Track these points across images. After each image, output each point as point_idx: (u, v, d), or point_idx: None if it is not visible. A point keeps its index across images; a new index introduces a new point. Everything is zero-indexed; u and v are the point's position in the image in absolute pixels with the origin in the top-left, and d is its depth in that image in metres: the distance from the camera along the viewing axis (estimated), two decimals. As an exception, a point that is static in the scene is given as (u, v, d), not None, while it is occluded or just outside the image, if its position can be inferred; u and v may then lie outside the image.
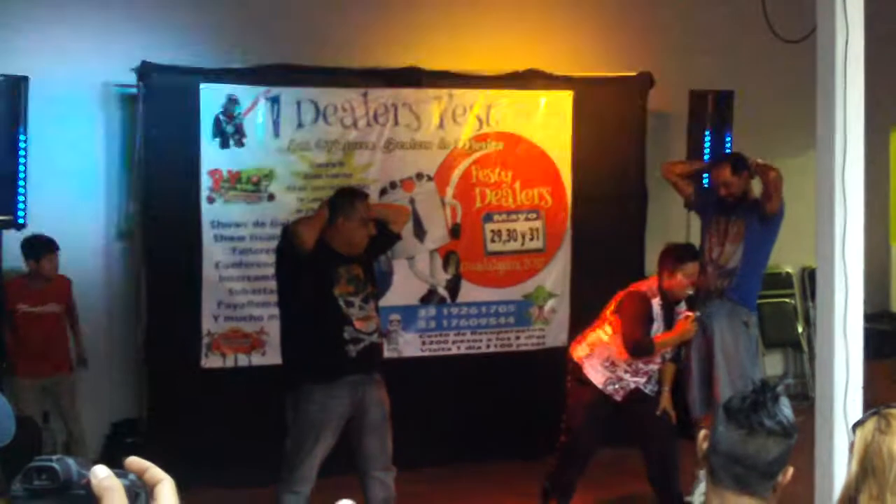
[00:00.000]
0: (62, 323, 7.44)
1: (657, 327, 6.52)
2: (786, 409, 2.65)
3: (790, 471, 2.73)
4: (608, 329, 6.55)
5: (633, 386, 6.56)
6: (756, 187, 7.40)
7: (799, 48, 5.65)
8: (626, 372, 6.53)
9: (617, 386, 6.54)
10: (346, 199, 5.96)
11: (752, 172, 7.27)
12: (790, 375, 9.83)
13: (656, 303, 6.53)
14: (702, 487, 6.55)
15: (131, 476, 1.19)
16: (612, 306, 6.61)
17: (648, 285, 6.63)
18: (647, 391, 6.61)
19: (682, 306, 6.68)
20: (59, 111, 7.66)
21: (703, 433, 2.75)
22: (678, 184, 7.67)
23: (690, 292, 6.64)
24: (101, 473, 1.14)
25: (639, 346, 6.46)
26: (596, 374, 6.54)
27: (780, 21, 5.95)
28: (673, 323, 6.59)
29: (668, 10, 9.25)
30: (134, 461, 1.20)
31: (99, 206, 7.86)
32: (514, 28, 8.78)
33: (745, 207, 7.28)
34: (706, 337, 7.27)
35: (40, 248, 7.20)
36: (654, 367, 6.60)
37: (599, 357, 6.54)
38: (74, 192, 7.73)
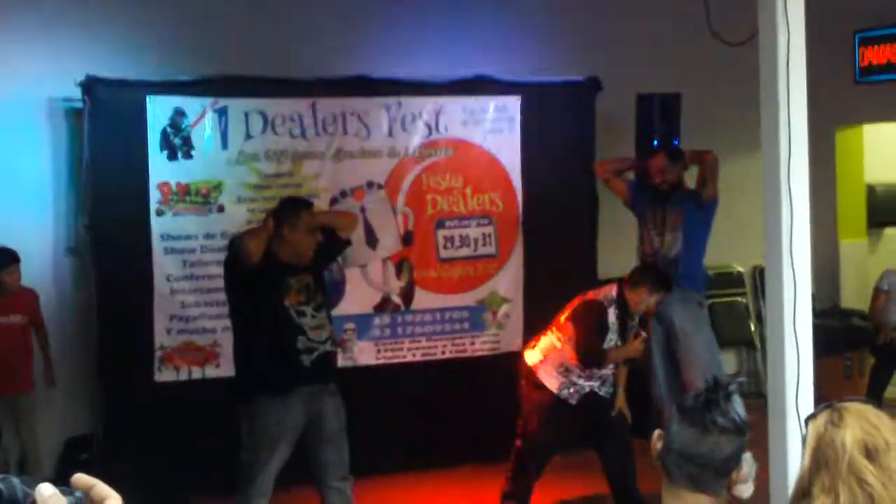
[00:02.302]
0: (26, 337, 7.33)
1: (611, 337, 6.53)
2: (738, 406, 2.67)
3: (744, 469, 2.75)
4: (561, 336, 6.55)
5: (587, 389, 6.58)
6: (690, 179, 7.54)
7: (742, 50, 5.70)
8: (579, 377, 6.54)
9: (571, 390, 6.55)
10: (290, 209, 5.94)
11: (686, 163, 7.46)
12: (744, 373, 9.91)
13: (612, 312, 6.54)
14: None
15: (77, 494, 1.18)
16: (566, 312, 6.61)
17: (605, 294, 6.62)
18: (601, 393, 6.62)
19: (636, 320, 6.70)
20: (4, 126, 7.60)
21: (657, 433, 2.77)
22: (611, 181, 7.86)
23: (643, 312, 6.69)
24: (46, 492, 1.13)
25: (590, 356, 6.47)
26: (550, 380, 6.55)
27: (723, 24, 6.00)
28: (626, 335, 6.59)
29: (613, 16, 9.32)
30: (80, 478, 1.19)
31: (47, 221, 7.79)
32: (462, 35, 8.80)
33: (680, 196, 7.44)
34: (663, 326, 7.34)
35: (1, 259, 7.13)
36: (607, 372, 6.62)
37: (553, 363, 6.54)
38: (22, 208, 7.66)
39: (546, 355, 6.57)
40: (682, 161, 7.51)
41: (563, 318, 6.60)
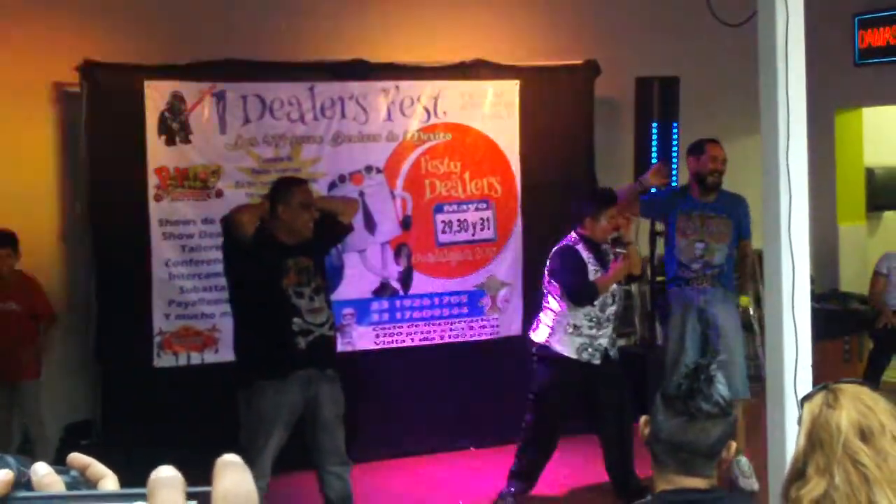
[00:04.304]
0: (25, 324, 7.29)
1: (594, 270, 6.58)
2: (721, 387, 2.69)
3: (733, 446, 2.77)
4: (553, 297, 6.64)
5: (604, 346, 6.61)
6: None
7: (741, 32, 5.69)
8: (590, 328, 6.57)
9: (591, 349, 6.59)
10: (283, 186, 5.99)
11: None
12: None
13: (582, 248, 6.61)
14: None
15: (73, 472, 1.17)
16: (545, 277, 6.71)
17: (567, 238, 6.69)
18: (611, 354, 6.67)
19: (610, 245, 6.74)
20: (3, 111, 7.58)
21: (644, 418, 2.78)
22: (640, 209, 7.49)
23: (614, 235, 6.69)
24: (41, 470, 1.13)
25: (579, 292, 6.55)
26: (566, 347, 6.58)
27: (721, 5, 5.98)
28: (606, 263, 6.63)
29: (611, -2, 9.30)
30: (76, 457, 1.18)
31: (46, 206, 7.78)
32: (460, 18, 8.79)
33: (725, 203, 7.19)
34: (702, 325, 7.21)
35: None
36: (611, 309, 6.66)
37: (562, 327, 6.60)
38: (21, 193, 7.64)
39: (553, 325, 6.62)
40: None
41: (545, 283, 6.72)
